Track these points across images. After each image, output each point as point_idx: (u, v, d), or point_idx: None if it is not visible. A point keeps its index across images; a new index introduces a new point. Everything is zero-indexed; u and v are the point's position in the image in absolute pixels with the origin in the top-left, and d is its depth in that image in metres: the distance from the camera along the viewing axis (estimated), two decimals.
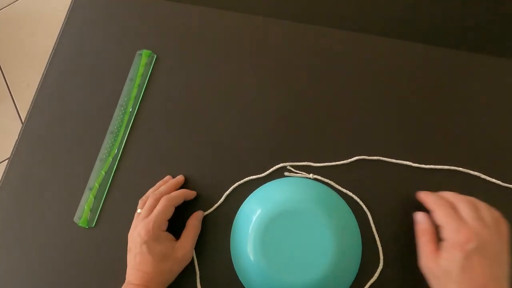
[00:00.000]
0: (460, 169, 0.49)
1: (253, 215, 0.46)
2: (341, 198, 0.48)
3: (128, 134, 0.54)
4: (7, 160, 1.34)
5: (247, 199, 0.49)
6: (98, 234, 0.51)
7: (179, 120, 0.54)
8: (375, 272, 0.46)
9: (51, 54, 0.61)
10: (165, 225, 0.46)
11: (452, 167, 0.49)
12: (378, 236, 0.47)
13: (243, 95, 0.55)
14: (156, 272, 0.43)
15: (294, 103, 0.54)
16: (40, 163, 0.55)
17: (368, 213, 0.48)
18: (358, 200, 0.48)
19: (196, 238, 0.47)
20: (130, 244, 0.45)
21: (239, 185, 0.51)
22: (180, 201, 0.48)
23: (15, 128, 1.41)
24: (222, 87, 0.55)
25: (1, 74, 1.50)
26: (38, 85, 0.59)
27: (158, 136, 0.54)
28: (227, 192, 0.50)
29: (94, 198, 0.52)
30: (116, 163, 0.53)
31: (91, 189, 0.52)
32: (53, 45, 0.61)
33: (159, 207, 0.45)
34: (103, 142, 0.54)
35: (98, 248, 0.50)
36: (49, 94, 0.58)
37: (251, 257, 0.44)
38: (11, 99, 1.46)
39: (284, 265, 0.43)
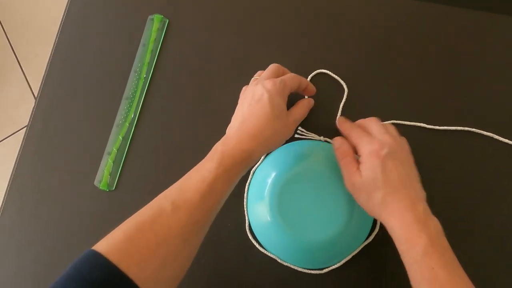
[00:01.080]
0: (474, 129, 0.49)
1: (268, 178, 0.48)
2: None
3: (143, 100, 0.55)
4: (23, 129, 1.37)
5: (260, 163, 0.51)
6: (119, 197, 0.53)
7: (193, 84, 0.55)
8: (371, 235, 0.48)
9: (61, 21, 0.60)
10: (287, 92, 0.43)
11: (466, 128, 0.49)
12: None
13: (256, 60, 0.55)
14: (270, 125, 0.40)
15: (307, 71, 0.54)
16: (57, 130, 0.56)
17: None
18: None
19: (306, 114, 0.47)
20: (246, 95, 0.43)
21: None
22: (299, 86, 0.46)
23: (26, 98, 1.43)
24: (233, 51, 0.55)
25: (9, 45, 1.50)
26: (51, 53, 0.59)
27: (173, 101, 0.55)
28: None
29: (113, 163, 0.53)
30: (133, 128, 0.54)
31: (109, 154, 0.53)
32: (62, 13, 0.60)
33: (284, 77, 0.44)
34: (119, 108, 0.55)
35: (118, 211, 0.52)
36: (62, 62, 0.58)
37: (269, 218, 0.46)
38: (20, 70, 1.46)
39: (300, 224, 0.45)
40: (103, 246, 0.35)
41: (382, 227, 0.48)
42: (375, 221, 0.48)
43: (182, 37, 0.57)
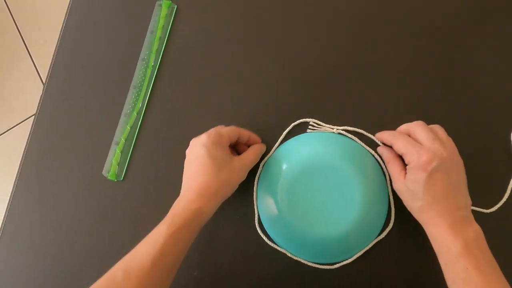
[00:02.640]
0: None
1: (278, 171, 0.47)
2: (368, 152, 0.48)
3: (151, 88, 0.54)
4: (32, 117, 1.37)
5: (271, 155, 0.49)
6: (127, 187, 0.52)
7: (202, 72, 0.53)
8: (384, 231, 0.46)
9: (68, 7, 0.59)
10: (226, 142, 0.44)
11: None
12: (393, 197, 0.47)
13: (264, 45, 0.53)
14: (214, 179, 0.41)
15: (316, 59, 0.52)
16: (65, 120, 0.55)
17: (387, 173, 0.47)
18: (379, 159, 0.48)
19: (257, 159, 0.46)
20: (188, 157, 0.44)
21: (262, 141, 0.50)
22: (239, 137, 0.46)
23: (35, 85, 1.43)
24: (242, 37, 0.54)
25: (18, 32, 1.49)
26: (58, 41, 0.58)
27: (181, 89, 0.53)
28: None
29: (121, 152, 0.52)
30: (141, 117, 0.53)
31: (117, 144, 0.53)
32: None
33: (218, 128, 0.45)
34: (127, 97, 0.54)
35: (126, 201, 0.52)
36: (69, 49, 0.57)
37: (279, 212, 0.45)
38: (29, 57, 1.46)
39: (311, 218, 0.44)
40: None
41: (395, 223, 0.47)
42: (388, 217, 0.47)
43: (190, 23, 0.55)
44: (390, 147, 0.45)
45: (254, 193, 0.49)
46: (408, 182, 0.41)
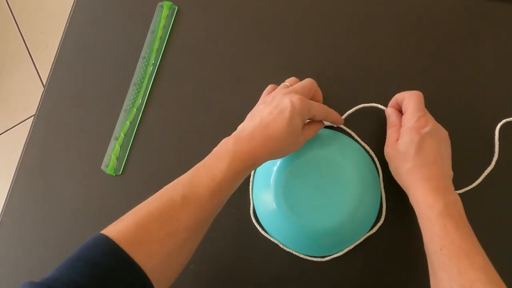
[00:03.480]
0: None
1: (273, 166, 0.48)
2: (361, 147, 0.49)
3: (151, 86, 0.55)
4: (31, 118, 1.38)
5: None
6: (125, 181, 0.53)
7: (201, 71, 0.55)
8: (375, 225, 0.48)
9: (72, 8, 0.61)
10: (308, 116, 0.43)
11: None
12: (385, 193, 0.48)
13: (265, 48, 0.55)
14: (280, 140, 0.40)
15: (317, 58, 0.54)
16: (65, 113, 0.56)
17: (380, 169, 0.49)
18: (373, 155, 0.49)
19: (313, 136, 0.47)
20: (270, 100, 0.43)
21: None
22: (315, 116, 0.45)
23: (35, 88, 1.44)
24: (242, 38, 0.55)
25: (20, 35, 1.51)
26: (61, 39, 0.60)
27: (181, 87, 0.55)
28: None
29: (120, 147, 0.54)
30: (141, 113, 0.54)
31: (116, 139, 0.54)
32: (71, 2, 0.61)
33: (313, 104, 0.43)
34: (127, 93, 0.55)
35: (124, 195, 0.53)
36: (72, 47, 0.59)
37: (273, 204, 0.46)
38: (31, 60, 1.48)
39: (304, 211, 0.45)
40: (113, 231, 0.35)
41: (386, 219, 0.48)
42: (380, 212, 0.48)
43: (191, 24, 0.57)
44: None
45: (250, 185, 0.50)
46: (401, 144, 0.42)
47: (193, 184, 0.38)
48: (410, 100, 0.43)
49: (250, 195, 0.50)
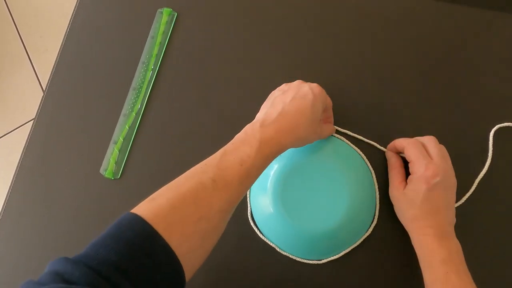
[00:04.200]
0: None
1: (270, 171, 0.48)
2: (356, 152, 0.50)
3: (150, 91, 0.56)
4: (31, 121, 1.38)
5: None
6: (123, 185, 0.54)
7: (200, 77, 0.56)
8: (369, 227, 0.48)
9: (73, 12, 0.62)
10: (323, 106, 0.44)
11: None
12: (379, 194, 0.49)
13: (263, 54, 0.56)
14: (304, 126, 0.41)
15: (314, 63, 0.54)
16: (65, 118, 0.57)
17: (372, 171, 0.50)
18: (365, 158, 0.50)
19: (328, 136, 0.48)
20: (289, 87, 0.44)
21: None
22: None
23: (34, 92, 1.45)
24: (240, 45, 0.56)
25: (20, 39, 1.52)
26: (62, 43, 0.60)
27: (179, 92, 0.56)
28: None
29: (119, 151, 0.54)
30: (140, 118, 0.55)
31: (115, 143, 0.54)
32: (71, 7, 0.62)
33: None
34: (126, 98, 0.56)
35: (123, 199, 0.53)
36: (72, 52, 0.59)
37: (270, 208, 0.47)
38: (30, 64, 1.49)
39: (302, 214, 0.46)
40: (146, 211, 0.34)
41: (379, 218, 0.48)
42: (374, 213, 0.48)
43: (190, 30, 0.58)
44: (399, 153, 0.48)
45: (248, 194, 0.51)
46: (408, 191, 0.43)
47: (222, 168, 0.37)
48: (410, 150, 0.44)
49: (248, 199, 0.50)
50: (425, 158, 0.43)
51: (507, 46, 0.53)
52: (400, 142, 0.47)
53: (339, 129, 0.51)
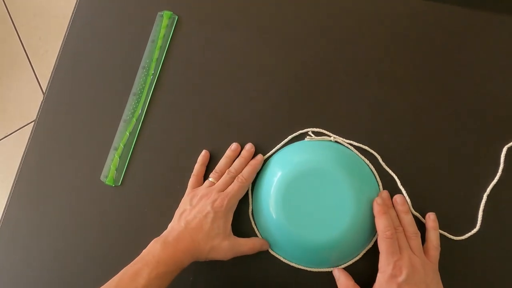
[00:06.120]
0: None
1: (274, 177, 0.47)
2: (362, 160, 0.49)
3: (151, 96, 0.55)
4: (31, 123, 1.38)
5: (267, 162, 0.50)
6: (124, 192, 0.53)
7: (201, 81, 0.55)
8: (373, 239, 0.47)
9: (72, 16, 0.61)
10: (235, 207, 0.47)
11: None
12: None
13: (264, 58, 0.54)
14: (204, 243, 0.44)
15: (315, 69, 0.53)
16: (65, 124, 0.56)
17: (378, 178, 0.49)
18: (371, 166, 0.49)
19: (252, 252, 0.47)
20: (196, 202, 0.46)
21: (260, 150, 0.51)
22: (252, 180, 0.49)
23: (35, 94, 1.44)
24: (241, 49, 0.55)
25: (19, 41, 1.51)
26: (60, 47, 0.59)
27: (180, 97, 0.55)
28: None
29: (119, 158, 0.53)
30: (140, 124, 0.54)
31: (116, 149, 0.54)
32: (71, 9, 0.61)
33: (235, 187, 0.47)
34: (127, 103, 0.55)
35: (124, 206, 0.53)
36: (71, 57, 0.58)
37: (274, 217, 0.46)
38: (30, 66, 1.48)
39: (305, 223, 0.45)
40: None
41: None
42: None
43: (191, 34, 0.57)
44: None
45: (250, 198, 0.50)
46: None
47: None
48: (381, 242, 0.43)
49: (250, 201, 0.50)
50: (394, 254, 0.42)
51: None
52: (378, 220, 0.44)
53: (343, 140, 0.50)
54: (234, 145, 0.51)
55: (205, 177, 0.52)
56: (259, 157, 0.50)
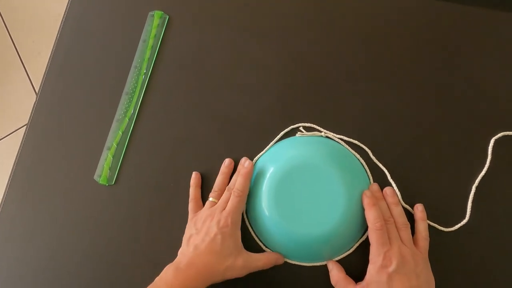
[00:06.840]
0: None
1: (266, 173, 0.48)
2: (353, 155, 0.50)
3: (143, 95, 0.55)
4: (24, 127, 1.37)
5: (259, 158, 0.51)
6: (118, 191, 0.53)
7: (192, 80, 0.55)
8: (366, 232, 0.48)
9: (63, 17, 0.61)
10: (240, 221, 0.47)
11: None
12: None
13: (255, 57, 0.55)
14: (216, 266, 0.44)
15: (305, 65, 0.54)
16: (58, 125, 0.56)
17: (369, 172, 0.49)
18: (362, 160, 0.50)
19: (267, 266, 0.47)
20: (201, 226, 0.46)
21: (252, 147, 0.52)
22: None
23: (28, 96, 1.43)
24: (232, 48, 0.56)
25: (12, 43, 1.51)
26: (52, 48, 0.60)
27: (172, 96, 0.55)
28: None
29: (113, 157, 0.54)
30: (133, 123, 0.54)
31: (109, 149, 0.54)
32: (63, 10, 0.61)
33: (233, 202, 0.46)
34: (119, 103, 0.55)
35: (117, 205, 0.53)
36: (63, 57, 0.59)
37: (266, 212, 0.46)
38: (23, 68, 1.47)
39: (297, 218, 0.45)
40: None
41: None
42: None
43: (182, 33, 0.57)
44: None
45: None
46: (372, 284, 0.43)
47: None
48: (371, 234, 0.44)
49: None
50: (385, 245, 0.43)
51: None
52: (368, 213, 0.45)
53: (334, 135, 0.50)
54: (227, 161, 0.51)
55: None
56: (249, 164, 0.49)
